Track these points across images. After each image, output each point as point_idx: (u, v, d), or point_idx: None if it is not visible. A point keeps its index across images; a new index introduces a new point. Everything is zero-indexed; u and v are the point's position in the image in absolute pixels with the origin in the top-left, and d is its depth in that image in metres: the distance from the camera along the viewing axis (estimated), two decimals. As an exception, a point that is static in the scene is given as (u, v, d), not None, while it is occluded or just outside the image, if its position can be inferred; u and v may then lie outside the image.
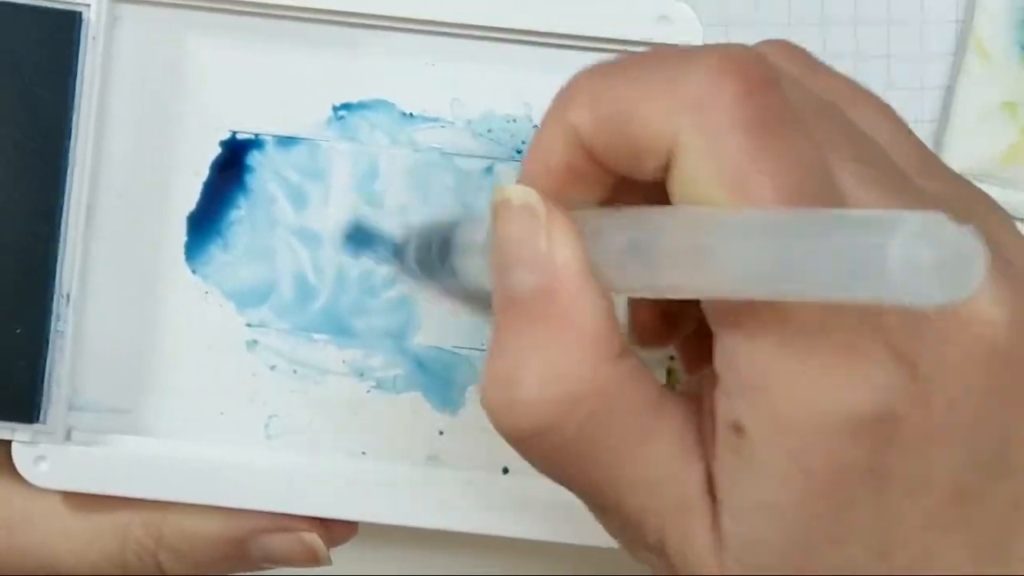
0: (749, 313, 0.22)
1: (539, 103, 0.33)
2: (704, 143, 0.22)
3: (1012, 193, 0.43)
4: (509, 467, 0.33)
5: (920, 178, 0.24)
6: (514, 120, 0.33)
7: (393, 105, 0.33)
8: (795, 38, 0.26)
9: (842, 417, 0.21)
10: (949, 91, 0.44)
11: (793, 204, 0.21)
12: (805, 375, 0.21)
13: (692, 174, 0.22)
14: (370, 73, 0.33)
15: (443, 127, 0.33)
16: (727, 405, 0.22)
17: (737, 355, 0.22)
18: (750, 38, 0.45)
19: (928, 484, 0.22)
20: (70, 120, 0.32)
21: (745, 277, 0.20)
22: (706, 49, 0.23)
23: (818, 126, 0.23)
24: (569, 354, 0.23)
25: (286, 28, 0.32)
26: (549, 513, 0.33)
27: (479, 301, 0.29)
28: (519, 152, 0.33)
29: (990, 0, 0.43)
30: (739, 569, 0.22)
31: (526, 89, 0.33)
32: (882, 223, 0.18)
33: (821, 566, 0.22)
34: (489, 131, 0.33)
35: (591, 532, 0.32)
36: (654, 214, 0.23)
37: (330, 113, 0.33)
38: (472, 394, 0.33)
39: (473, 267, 0.28)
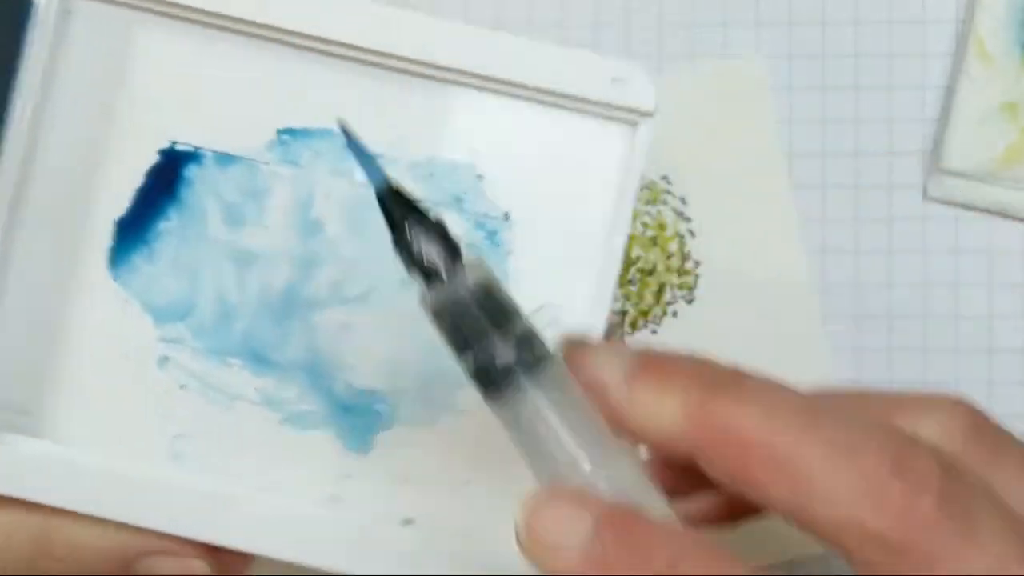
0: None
1: (485, 151, 0.32)
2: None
3: (1012, 193, 0.43)
4: (413, 519, 0.32)
5: None
6: (457, 167, 0.32)
7: (337, 136, 0.32)
8: (795, 38, 0.26)
9: None
10: (949, 91, 0.44)
11: None
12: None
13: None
14: (319, 101, 0.32)
15: (384, 165, 0.32)
16: None
17: None
18: (750, 38, 0.44)
19: None
20: (8, 107, 0.31)
21: None
22: (883, 436, 0.26)
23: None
24: None
25: (241, 44, 0.32)
26: (450, 565, 0.32)
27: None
28: (458, 200, 0.32)
29: (990, 0, 0.43)
30: None
31: (473, 136, 0.32)
32: None
33: None
34: (431, 175, 0.32)
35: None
36: None
37: (274, 136, 0.32)
38: (382, 439, 0.32)
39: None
